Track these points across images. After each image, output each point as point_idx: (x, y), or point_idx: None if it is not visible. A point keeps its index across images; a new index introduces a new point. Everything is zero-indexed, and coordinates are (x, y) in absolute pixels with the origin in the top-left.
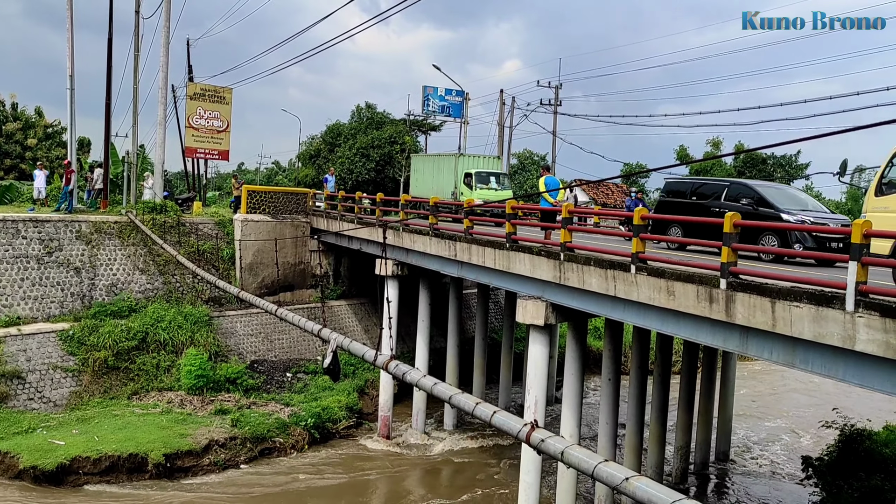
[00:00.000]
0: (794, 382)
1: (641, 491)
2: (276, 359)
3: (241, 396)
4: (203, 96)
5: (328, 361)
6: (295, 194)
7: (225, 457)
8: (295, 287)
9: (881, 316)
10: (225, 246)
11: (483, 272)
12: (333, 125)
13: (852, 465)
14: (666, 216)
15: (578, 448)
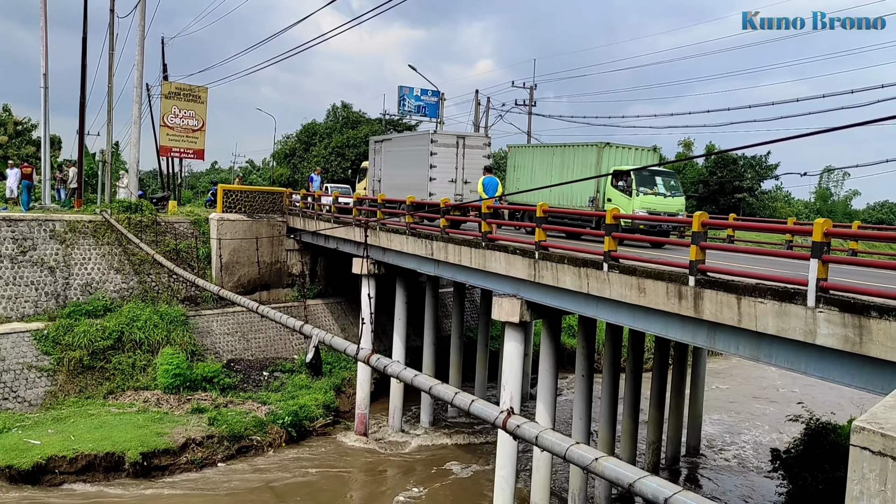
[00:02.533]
0: (763, 378)
1: (610, 470)
2: (253, 358)
3: (218, 395)
4: (178, 95)
5: (310, 356)
6: (271, 193)
7: (202, 455)
8: (272, 286)
9: (840, 311)
10: (201, 245)
11: (459, 271)
12: (309, 124)
13: (818, 457)
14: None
15: (552, 432)
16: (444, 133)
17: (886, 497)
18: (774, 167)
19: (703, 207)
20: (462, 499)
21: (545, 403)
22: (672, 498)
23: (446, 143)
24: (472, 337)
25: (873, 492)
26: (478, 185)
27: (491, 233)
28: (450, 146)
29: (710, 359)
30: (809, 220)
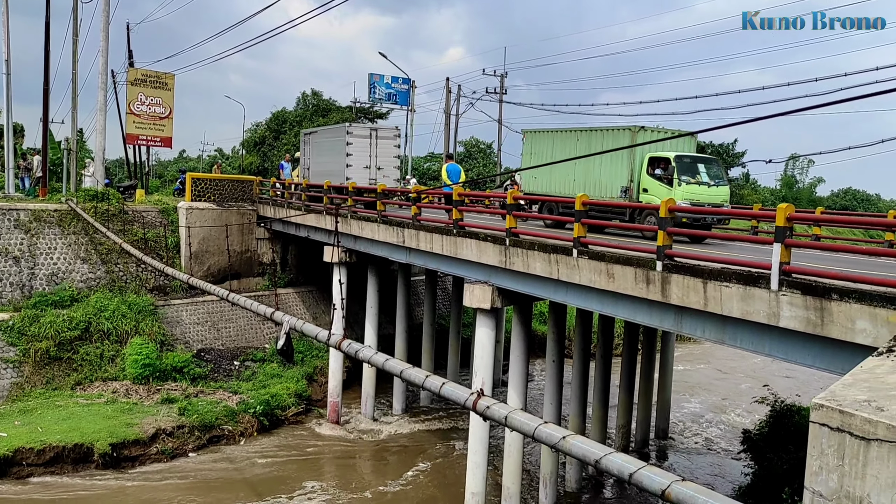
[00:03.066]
0: (731, 362)
1: (577, 448)
2: (224, 347)
3: (189, 385)
4: (144, 82)
5: (281, 343)
6: (241, 182)
7: (173, 445)
8: (242, 275)
9: (803, 294)
10: (170, 234)
11: (431, 258)
12: (278, 112)
13: (782, 438)
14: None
15: (521, 412)
16: (360, 126)
17: (844, 471)
18: (741, 155)
19: None
20: (434, 484)
21: (516, 388)
22: (636, 473)
23: (361, 135)
24: (445, 325)
25: (832, 466)
26: (442, 172)
27: (462, 220)
28: (364, 137)
29: (679, 344)
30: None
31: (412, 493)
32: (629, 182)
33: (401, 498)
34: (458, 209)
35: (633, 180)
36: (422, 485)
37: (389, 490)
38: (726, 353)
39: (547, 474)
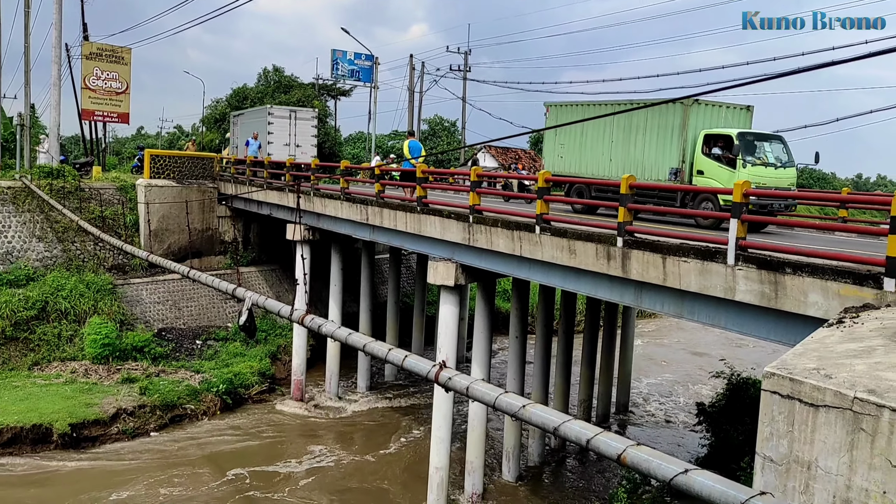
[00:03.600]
0: (690, 338)
1: (536, 416)
2: (185, 326)
3: (150, 365)
4: (100, 56)
5: (243, 319)
6: (201, 159)
7: (134, 425)
8: (203, 254)
9: (758, 268)
10: (128, 212)
11: (395, 235)
12: (239, 88)
13: (738, 410)
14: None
15: (482, 383)
16: (280, 107)
17: (794, 437)
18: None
19: None
20: (399, 460)
21: (480, 364)
22: (594, 439)
23: (281, 116)
24: (409, 302)
25: (782, 432)
26: (404, 147)
27: (425, 197)
28: (284, 118)
29: (640, 320)
30: None
31: (376, 469)
32: (680, 163)
33: (365, 473)
34: (421, 186)
35: (685, 161)
36: (386, 461)
37: (353, 466)
38: (688, 330)
39: (510, 448)
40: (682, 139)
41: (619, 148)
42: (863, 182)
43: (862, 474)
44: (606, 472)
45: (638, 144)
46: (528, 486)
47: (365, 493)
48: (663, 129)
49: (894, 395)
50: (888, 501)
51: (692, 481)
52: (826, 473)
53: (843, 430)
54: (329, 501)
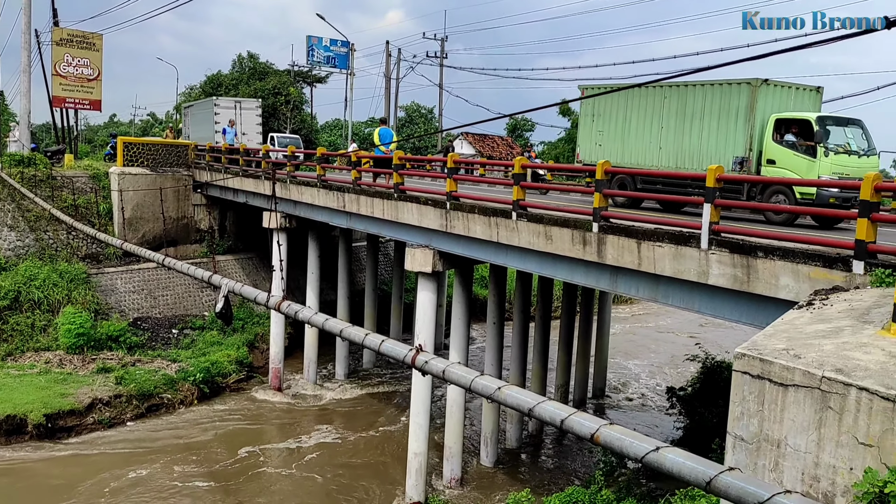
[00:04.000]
0: (667, 322)
1: (511, 398)
2: (161, 315)
3: (125, 354)
4: (71, 42)
5: (220, 306)
6: (175, 147)
7: (110, 415)
8: (178, 242)
9: (730, 252)
10: (101, 201)
11: (372, 223)
12: (213, 75)
13: (712, 393)
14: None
15: (458, 366)
16: (225, 99)
17: (764, 416)
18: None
19: None
20: (377, 446)
21: (458, 350)
22: (567, 419)
23: (227, 106)
24: (387, 290)
25: (752, 411)
26: (374, 134)
27: (402, 184)
28: (229, 108)
29: (616, 305)
30: None
31: (354, 456)
32: (747, 151)
33: (344, 460)
34: (399, 173)
35: (752, 149)
36: (365, 447)
37: (331, 453)
38: (665, 315)
39: (488, 433)
40: (749, 124)
41: (670, 135)
42: None
43: (830, 451)
44: (583, 457)
45: (694, 131)
46: (506, 471)
47: (343, 479)
48: (726, 114)
49: (861, 373)
50: (855, 477)
51: (663, 458)
52: (795, 451)
53: (812, 409)
54: (307, 488)
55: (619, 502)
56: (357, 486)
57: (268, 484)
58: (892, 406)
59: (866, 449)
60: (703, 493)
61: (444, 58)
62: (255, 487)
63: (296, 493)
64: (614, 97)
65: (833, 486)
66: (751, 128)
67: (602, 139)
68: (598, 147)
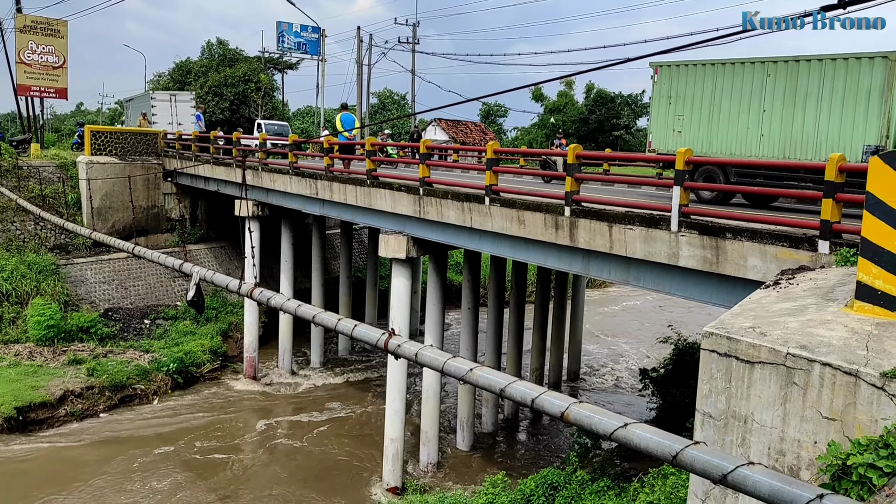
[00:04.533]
0: (641, 305)
1: (483, 378)
2: (133, 306)
3: (97, 345)
4: (35, 29)
5: (192, 294)
6: (144, 135)
7: (82, 407)
8: (149, 232)
9: (700, 234)
10: (69, 190)
11: (346, 209)
12: (182, 62)
13: (685, 374)
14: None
15: (430, 349)
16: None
17: (731, 393)
18: (649, 105)
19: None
20: (354, 432)
21: (433, 335)
22: (538, 398)
23: (163, 99)
24: (362, 277)
25: (720, 389)
26: (336, 120)
27: (376, 170)
28: (165, 101)
29: (590, 289)
30: None
31: (331, 442)
32: (882, 138)
33: (319, 448)
34: (371, 160)
35: (890, 136)
36: (341, 433)
37: (307, 440)
38: (639, 297)
39: (464, 417)
40: (886, 106)
41: (776, 119)
42: None
43: (795, 426)
44: (558, 439)
45: (809, 114)
46: (482, 454)
47: (320, 466)
48: (852, 94)
49: (825, 349)
50: (819, 451)
51: (631, 434)
52: (761, 426)
53: (777, 385)
54: (283, 476)
55: (593, 482)
56: (334, 473)
57: (242, 472)
58: (854, 381)
59: (830, 423)
60: (675, 471)
61: (416, 43)
62: (229, 476)
63: (271, 480)
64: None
65: (798, 460)
66: (888, 110)
67: (682, 125)
68: (676, 134)
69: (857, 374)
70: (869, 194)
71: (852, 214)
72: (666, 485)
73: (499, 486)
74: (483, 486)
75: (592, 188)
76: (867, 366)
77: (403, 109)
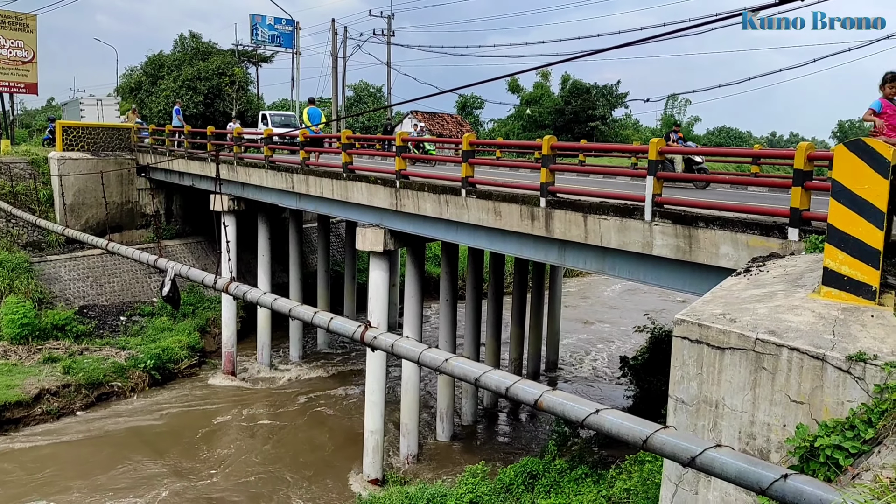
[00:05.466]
0: (615, 295)
1: (458, 368)
2: (108, 303)
3: (72, 343)
4: (3, 24)
5: (167, 290)
6: (117, 130)
7: (59, 405)
8: (124, 228)
9: (673, 223)
10: (41, 187)
11: (322, 203)
12: (155, 56)
13: (661, 362)
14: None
15: (406, 340)
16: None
17: (703, 378)
18: (624, 96)
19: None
20: (333, 425)
21: (412, 328)
22: (512, 386)
23: (90, 104)
24: (340, 270)
25: (692, 375)
26: (304, 114)
27: (351, 163)
28: (92, 105)
29: (567, 279)
30: None
31: (311, 436)
32: None
33: (300, 442)
34: (347, 153)
35: None
36: (321, 427)
37: (287, 435)
38: (617, 287)
39: (444, 409)
40: None
41: None
42: (776, 140)
43: (764, 410)
44: (537, 428)
45: None
46: (462, 444)
47: (300, 460)
48: None
49: (793, 334)
50: (788, 434)
51: (603, 420)
52: (732, 411)
53: (747, 370)
54: (263, 471)
55: (572, 470)
56: (313, 467)
57: (221, 467)
58: (820, 364)
59: (798, 406)
60: (651, 458)
61: (392, 35)
62: (208, 470)
63: (251, 475)
64: None
65: (768, 443)
66: None
67: None
68: None
69: (823, 357)
70: (834, 182)
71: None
72: (643, 471)
73: (478, 476)
74: (463, 475)
75: (568, 179)
76: (833, 350)
77: (379, 102)
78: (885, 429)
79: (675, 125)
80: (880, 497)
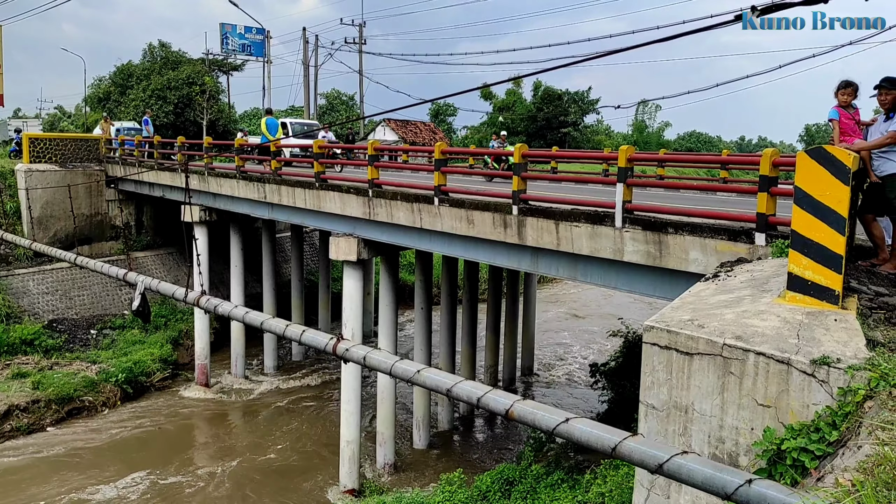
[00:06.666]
0: (590, 301)
1: (430, 380)
2: (78, 316)
3: (42, 358)
4: None
5: (136, 304)
6: (85, 141)
7: (28, 421)
8: (93, 240)
9: (643, 230)
10: (7, 199)
11: (295, 213)
12: (124, 66)
13: (634, 367)
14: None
15: (378, 351)
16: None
17: (672, 384)
18: (595, 102)
19: (532, 143)
20: (309, 437)
21: (386, 336)
22: (483, 397)
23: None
24: (314, 280)
25: (661, 381)
26: (262, 124)
27: (324, 173)
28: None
29: (541, 286)
30: None
31: (287, 447)
32: None
33: (275, 453)
34: (319, 162)
35: None
36: (297, 438)
37: (262, 446)
38: (591, 293)
39: (420, 417)
40: None
41: None
42: (745, 144)
43: (732, 414)
44: (513, 435)
45: None
46: (439, 452)
47: (276, 471)
48: None
49: (759, 339)
50: (755, 437)
51: (572, 429)
52: (701, 416)
53: (715, 375)
54: (238, 483)
55: (548, 476)
56: (289, 478)
57: (196, 480)
58: (786, 368)
59: (765, 410)
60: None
61: (363, 44)
62: (182, 485)
63: (226, 488)
64: None
65: (737, 447)
66: None
67: None
68: None
69: (788, 361)
70: (797, 188)
71: None
72: (618, 475)
73: (455, 484)
74: (440, 484)
75: (541, 186)
76: (798, 353)
77: (351, 110)
78: (848, 431)
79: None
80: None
